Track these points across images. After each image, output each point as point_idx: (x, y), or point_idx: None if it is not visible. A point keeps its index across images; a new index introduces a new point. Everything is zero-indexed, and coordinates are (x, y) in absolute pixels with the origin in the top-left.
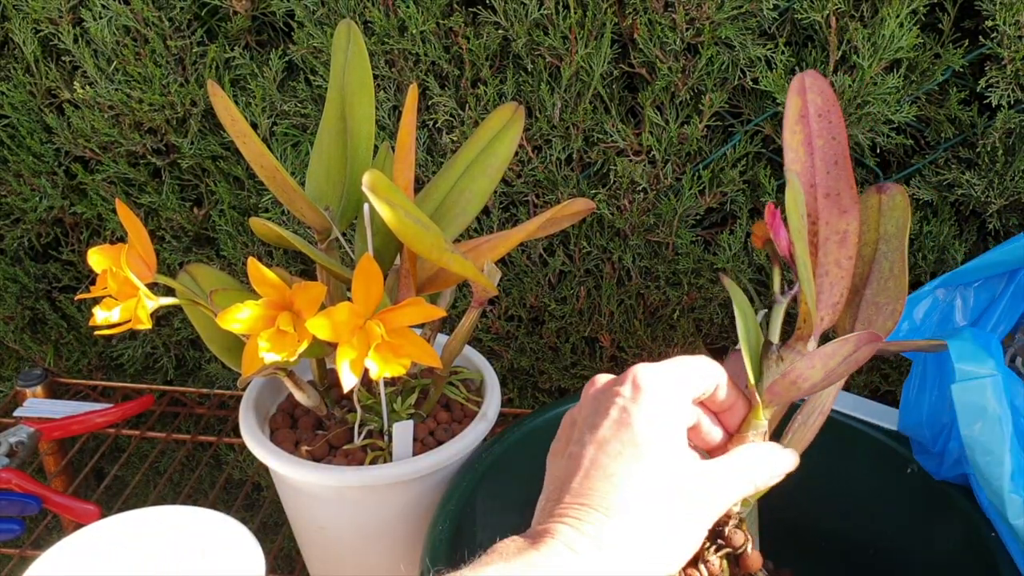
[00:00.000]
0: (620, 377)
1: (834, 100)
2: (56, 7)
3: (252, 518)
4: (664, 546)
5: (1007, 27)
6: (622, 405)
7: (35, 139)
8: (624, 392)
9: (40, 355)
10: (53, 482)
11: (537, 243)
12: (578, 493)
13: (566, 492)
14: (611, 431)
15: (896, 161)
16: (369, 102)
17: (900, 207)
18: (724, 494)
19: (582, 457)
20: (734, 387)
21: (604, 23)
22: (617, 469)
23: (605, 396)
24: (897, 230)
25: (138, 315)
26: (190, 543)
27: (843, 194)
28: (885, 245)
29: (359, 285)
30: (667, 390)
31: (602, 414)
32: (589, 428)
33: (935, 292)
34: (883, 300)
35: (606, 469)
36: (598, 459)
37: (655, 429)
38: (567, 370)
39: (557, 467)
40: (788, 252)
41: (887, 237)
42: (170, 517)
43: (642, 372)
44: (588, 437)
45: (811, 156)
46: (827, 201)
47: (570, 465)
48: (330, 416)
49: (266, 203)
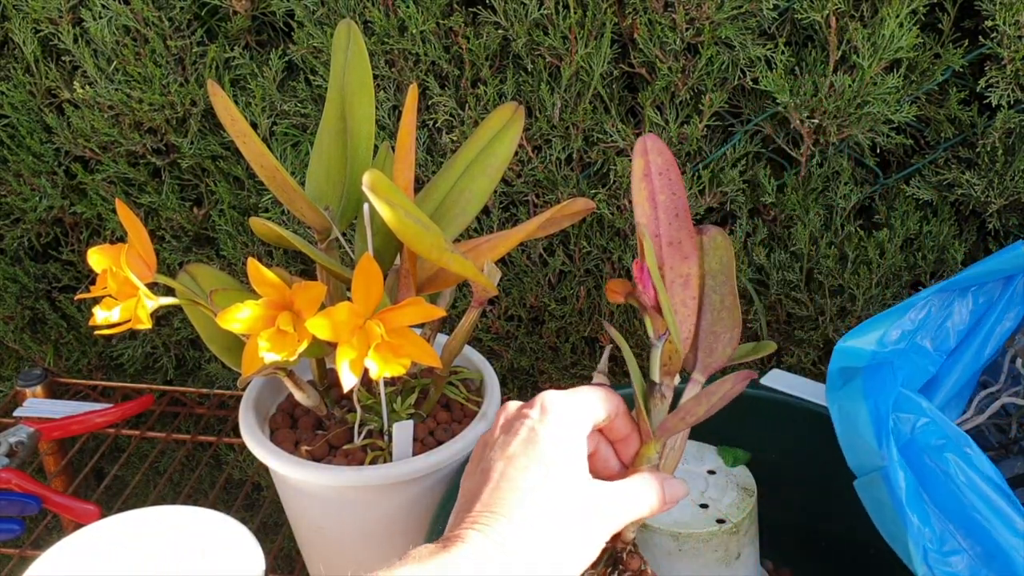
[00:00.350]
0: (530, 402)
1: (672, 160)
2: (56, 7)
3: (252, 518)
4: (564, 554)
5: (1007, 27)
6: (530, 425)
7: (35, 139)
8: (532, 414)
9: (40, 355)
10: (53, 482)
11: (537, 243)
12: (487, 503)
13: (476, 502)
14: (520, 448)
15: (896, 161)
16: (369, 102)
17: (721, 246)
18: (619, 513)
19: (492, 471)
20: (629, 418)
21: (604, 23)
22: (524, 482)
23: (515, 418)
24: (721, 266)
25: (138, 315)
26: (190, 543)
27: (684, 242)
28: (712, 280)
29: (359, 285)
30: (571, 413)
31: (513, 433)
32: (500, 447)
33: (930, 299)
34: (720, 329)
35: (514, 481)
36: (507, 472)
37: (560, 447)
38: (567, 370)
39: (470, 483)
40: (655, 301)
41: (712, 273)
42: (170, 517)
43: (549, 397)
44: (498, 454)
45: (655, 209)
46: (671, 249)
47: (481, 479)
48: (330, 416)
49: (266, 203)
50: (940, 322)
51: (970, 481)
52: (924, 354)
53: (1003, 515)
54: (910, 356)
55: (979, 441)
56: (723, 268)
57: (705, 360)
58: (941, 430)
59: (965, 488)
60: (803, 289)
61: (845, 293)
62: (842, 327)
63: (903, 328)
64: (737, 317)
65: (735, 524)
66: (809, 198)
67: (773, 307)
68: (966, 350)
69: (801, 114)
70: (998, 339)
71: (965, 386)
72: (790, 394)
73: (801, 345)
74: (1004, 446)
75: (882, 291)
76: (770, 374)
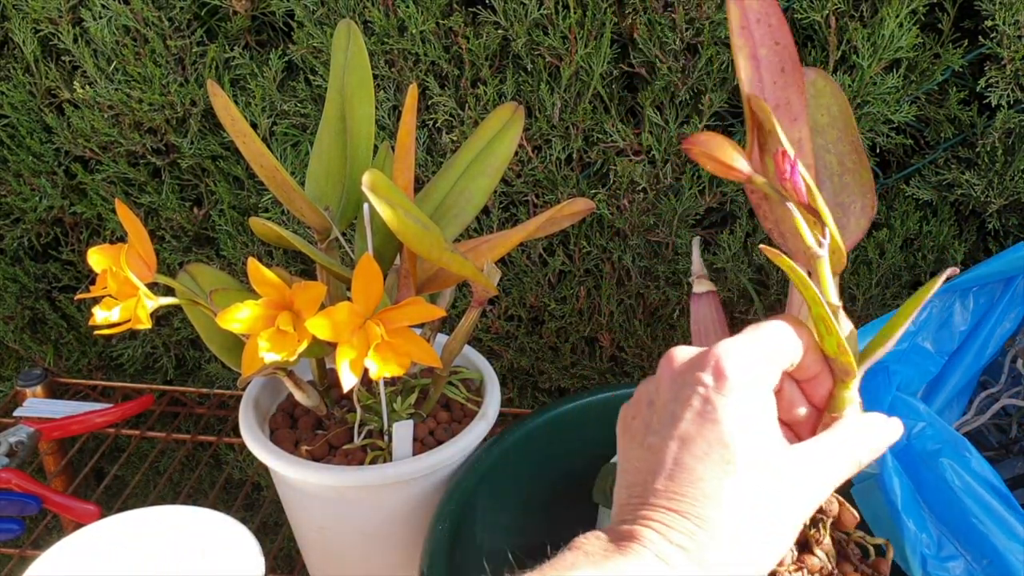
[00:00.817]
0: (701, 358)
1: (773, 3)
2: (56, 7)
3: (252, 518)
4: (760, 551)
5: (1006, 27)
6: (705, 395)
7: (35, 139)
8: (706, 380)
9: (40, 355)
10: (53, 482)
11: (537, 243)
12: (664, 495)
13: (650, 492)
14: (695, 426)
15: (896, 161)
16: (369, 102)
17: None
18: (828, 479)
19: (664, 452)
20: (819, 352)
21: (604, 23)
22: (704, 472)
23: (685, 382)
24: (831, 118)
25: (138, 315)
26: (190, 543)
27: (792, 101)
28: (822, 138)
29: (359, 285)
30: (754, 376)
31: (683, 403)
32: (670, 419)
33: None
34: (847, 199)
35: (692, 472)
36: (682, 459)
37: (744, 424)
38: (567, 370)
39: (635, 456)
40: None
41: (820, 129)
42: (170, 517)
43: (726, 354)
44: (669, 430)
45: (757, 68)
46: (778, 112)
47: (650, 459)
48: (330, 416)
49: (266, 203)
50: (941, 323)
51: (967, 486)
52: (925, 355)
53: (1001, 520)
54: (911, 357)
55: (979, 442)
56: (834, 120)
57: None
58: (938, 434)
59: (962, 493)
60: None
61: (845, 293)
62: None
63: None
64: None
65: None
66: None
67: (773, 307)
68: (967, 351)
69: None
70: (998, 340)
71: (966, 387)
72: None
73: None
74: (1004, 446)
75: (882, 291)
76: None
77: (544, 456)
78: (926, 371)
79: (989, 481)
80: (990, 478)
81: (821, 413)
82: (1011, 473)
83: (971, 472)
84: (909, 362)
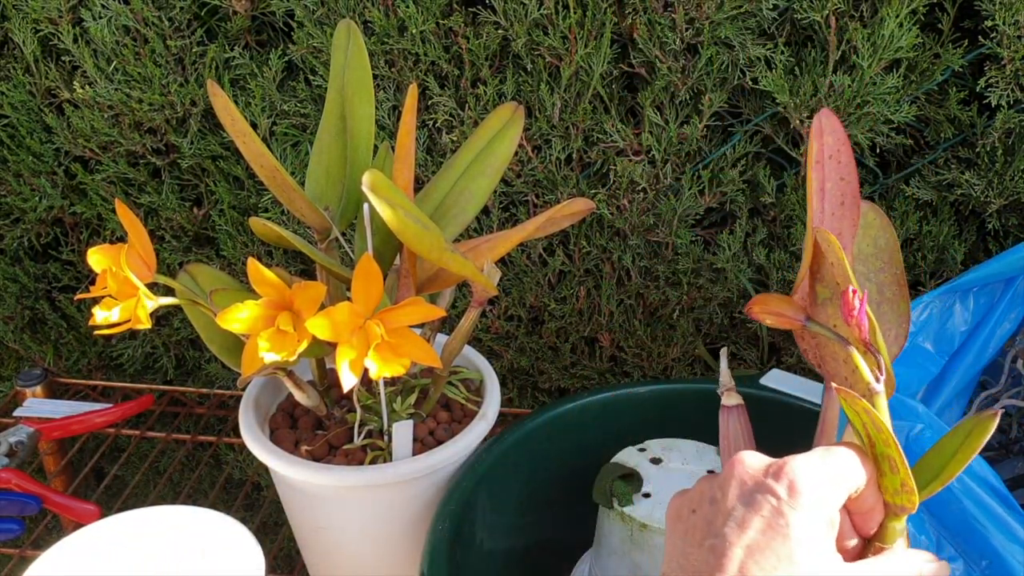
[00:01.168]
0: (775, 469)
1: (844, 139)
2: (56, 7)
3: (252, 518)
4: None
5: (1006, 27)
6: (777, 507)
7: (35, 139)
8: (780, 491)
9: (40, 355)
10: (53, 482)
11: (537, 243)
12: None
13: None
14: (764, 537)
15: (896, 161)
16: (369, 102)
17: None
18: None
19: (727, 557)
20: (876, 487)
21: (604, 23)
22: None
23: (757, 488)
24: (876, 249)
25: (138, 315)
26: (190, 543)
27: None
28: (863, 266)
29: (359, 285)
30: (826, 495)
31: (753, 510)
32: (737, 524)
33: (931, 301)
34: (882, 327)
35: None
36: (747, 568)
37: (812, 543)
38: (567, 370)
39: (692, 554)
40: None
41: (863, 257)
42: (170, 517)
43: (801, 471)
44: (735, 535)
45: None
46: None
47: (712, 561)
48: (330, 416)
49: (266, 203)
50: (942, 324)
51: (966, 487)
52: (926, 356)
53: (1000, 521)
54: (911, 358)
55: None
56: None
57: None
58: (937, 436)
59: (960, 495)
60: None
61: None
62: None
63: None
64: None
65: None
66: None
67: None
68: (967, 351)
69: (801, 114)
70: (999, 340)
71: (967, 387)
72: (790, 394)
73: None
74: (1004, 446)
75: None
76: (770, 374)
77: (544, 456)
78: (926, 372)
79: (988, 482)
80: (989, 479)
81: (866, 544)
82: (1011, 473)
83: (970, 473)
84: (909, 363)
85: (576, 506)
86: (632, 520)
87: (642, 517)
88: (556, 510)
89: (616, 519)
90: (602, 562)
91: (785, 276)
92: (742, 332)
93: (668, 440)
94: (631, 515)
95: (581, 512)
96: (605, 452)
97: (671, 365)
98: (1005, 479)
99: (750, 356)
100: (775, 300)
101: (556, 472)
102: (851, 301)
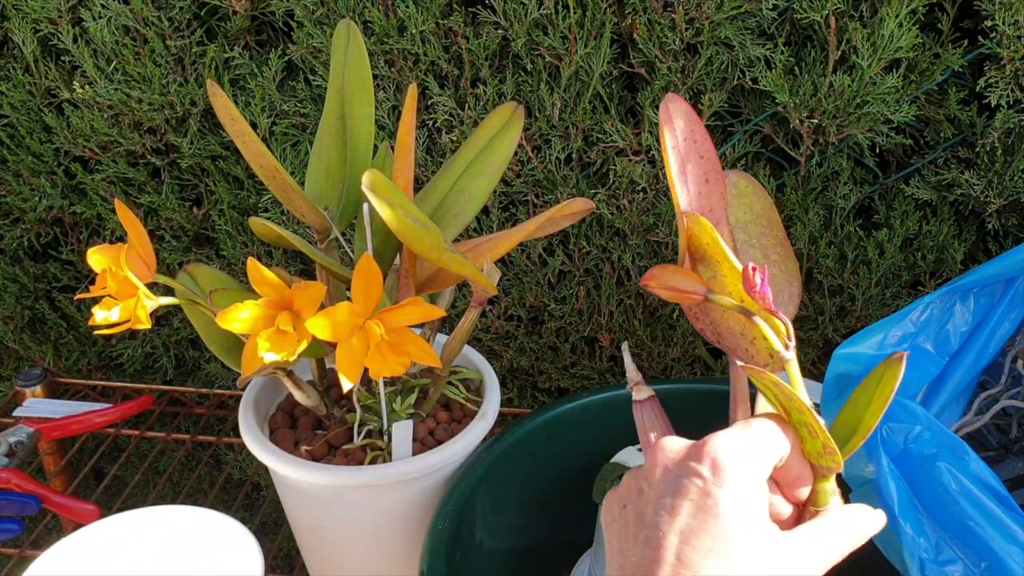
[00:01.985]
0: (695, 450)
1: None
2: (55, 7)
3: (252, 518)
4: None
5: (1006, 27)
6: (703, 489)
7: (34, 139)
8: (704, 471)
9: (39, 355)
10: (52, 482)
11: (537, 243)
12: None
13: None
14: (694, 520)
15: (895, 161)
16: (368, 102)
17: (747, 192)
18: (816, 567)
19: (663, 548)
20: (801, 453)
21: (603, 23)
22: (709, 567)
23: (681, 472)
24: (753, 215)
25: (137, 315)
26: (190, 543)
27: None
28: (744, 234)
29: (358, 285)
30: (750, 468)
31: (681, 495)
32: (667, 511)
33: (931, 302)
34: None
35: (697, 569)
36: (685, 554)
37: (743, 517)
38: (566, 370)
39: (630, 550)
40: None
41: (742, 225)
42: (170, 517)
43: (722, 447)
44: (667, 523)
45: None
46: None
47: (649, 554)
48: (330, 416)
49: (265, 203)
50: (942, 325)
51: (965, 489)
52: (926, 356)
53: (999, 523)
54: (912, 359)
55: (979, 442)
56: (756, 217)
57: None
58: (936, 438)
59: (960, 497)
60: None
61: (844, 293)
62: (841, 327)
63: (904, 330)
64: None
65: None
66: (808, 198)
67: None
68: (968, 352)
69: (800, 114)
70: (999, 341)
71: (967, 388)
72: None
73: (800, 345)
74: (1004, 446)
75: (881, 291)
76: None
77: (544, 456)
78: (927, 372)
79: (987, 484)
80: (989, 481)
81: (801, 511)
82: (1011, 474)
83: (969, 475)
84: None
85: (576, 506)
86: None
87: None
88: (556, 510)
89: None
90: (601, 562)
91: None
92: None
93: None
94: None
95: (581, 512)
96: (605, 452)
97: (671, 365)
98: (1005, 480)
99: None
100: (674, 272)
101: (556, 472)
102: (752, 278)
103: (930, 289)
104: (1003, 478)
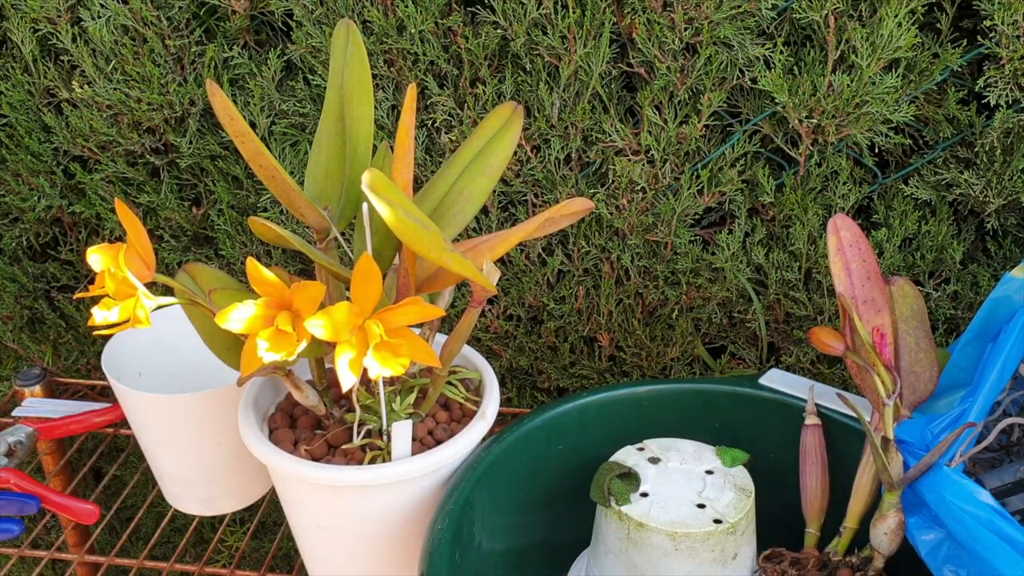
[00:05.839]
0: None
1: (859, 233)
2: (54, 6)
3: (252, 518)
4: None
5: (1005, 27)
6: None
7: (33, 138)
8: None
9: (38, 354)
10: (51, 482)
11: (536, 242)
12: None
13: None
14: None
15: (895, 160)
16: (368, 101)
17: (910, 295)
18: None
19: None
20: None
21: (603, 23)
22: None
23: None
24: (912, 312)
25: (137, 315)
26: None
27: (876, 298)
28: (905, 325)
29: (358, 284)
30: None
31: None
32: None
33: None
34: (919, 369)
35: None
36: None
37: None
38: (566, 369)
39: None
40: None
41: (904, 319)
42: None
43: None
44: None
45: (849, 276)
46: (865, 306)
47: None
48: (329, 416)
49: (265, 202)
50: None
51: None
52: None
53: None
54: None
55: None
56: (914, 314)
57: (910, 397)
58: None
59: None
60: (801, 289)
61: None
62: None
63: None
64: (933, 358)
65: (732, 524)
66: (808, 198)
67: (771, 307)
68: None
69: (800, 114)
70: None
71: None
72: (788, 394)
73: (800, 345)
74: (1004, 447)
75: None
76: (768, 374)
77: (543, 456)
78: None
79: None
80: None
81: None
82: (1013, 477)
83: (973, 504)
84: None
85: (575, 506)
86: (629, 519)
87: (639, 516)
88: (555, 510)
89: (613, 518)
90: (599, 561)
91: (783, 275)
92: (741, 331)
93: (667, 440)
94: (628, 514)
95: (580, 512)
96: (604, 452)
97: (670, 365)
98: (1006, 483)
99: (749, 356)
100: (827, 333)
101: (555, 472)
102: (879, 340)
103: (930, 289)
104: (1004, 482)
